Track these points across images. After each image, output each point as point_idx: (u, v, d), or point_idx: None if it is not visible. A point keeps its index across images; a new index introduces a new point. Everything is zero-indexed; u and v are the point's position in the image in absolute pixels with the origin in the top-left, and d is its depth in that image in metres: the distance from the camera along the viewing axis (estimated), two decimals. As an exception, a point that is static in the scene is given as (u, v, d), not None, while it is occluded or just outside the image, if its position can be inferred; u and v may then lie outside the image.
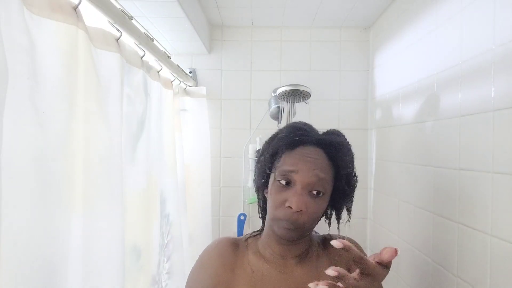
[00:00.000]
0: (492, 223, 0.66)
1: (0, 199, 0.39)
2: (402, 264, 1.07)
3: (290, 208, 0.60)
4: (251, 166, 1.44)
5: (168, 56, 1.00)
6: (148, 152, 0.84)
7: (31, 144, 0.44)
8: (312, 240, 0.71)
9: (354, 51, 1.47)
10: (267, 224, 0.67)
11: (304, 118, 0.97)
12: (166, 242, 1.00)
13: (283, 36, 1.49)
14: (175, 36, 1.27)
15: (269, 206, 0.65)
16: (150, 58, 0.88)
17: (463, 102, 0.77)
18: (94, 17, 0.60)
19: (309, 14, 1.34)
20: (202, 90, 1.41)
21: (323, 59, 1.48)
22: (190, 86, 1.39)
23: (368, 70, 1.47)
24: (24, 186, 0.43)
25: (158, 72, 0.94)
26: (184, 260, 1.08)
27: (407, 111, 1.08)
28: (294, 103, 1.30)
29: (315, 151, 0.63)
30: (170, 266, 1.01)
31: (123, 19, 0.68)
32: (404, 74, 1.11)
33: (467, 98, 0.76)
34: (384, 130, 1.30)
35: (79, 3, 0.52)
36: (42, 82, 0.46)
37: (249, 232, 0.76)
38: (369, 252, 1.42)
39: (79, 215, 0.54)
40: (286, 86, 1.25)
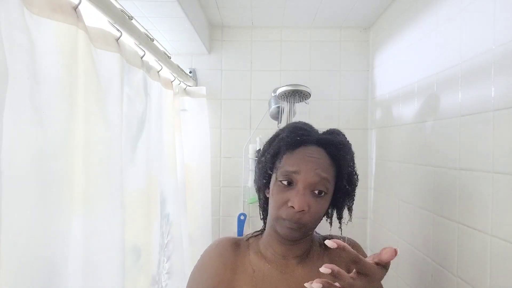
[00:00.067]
0: (492, 223, 0.66)
1: (0, 199, 0.39)
2: (402, 264, 1.07)
3: (292, 208, 0.60)
4: (251, 166, 1.44)
5: (168, 56, 1.00)
6: (148, 152, 0.84)
7: (31, 144, 0.44)
8: (313, 240, 0.71)
9: (354, 51, 1.47)
10: (269, 224, 0.67)
11: (304, 118, 0.97)
12: (166, 242, 1.00)
13: (283, 36, 1.49)
14: (175, 36, 1.27)
15: (271, 206, 0.65)
16: (150, 58, 0.88)
17: (463, 102, 0.77)
18: (94, 17, 0.60)
19: (309, 14, 1.34)
20: (202, 90, 1.41)
21: (323, 59, 1.48)
22: (190, 86, 1.39)
23: (368, 70, 1.47)
24: (24, 186, 0.43)
25: (158, 72, 0.94)
26: (184, 260, 1.08)
27: (407, 111, 1.08)
28: (294, 103, 1.30)
29: (316, 150, 0.63)
30: (170, 266, 1.01)
31: (123, 19, 0.68)
32: (404, 74, 1.11)
33: (467, 98, 0.76)
34: (384, 130, 1.30)
35: (79, 3, 0.52)
36: (42, 82, 0.46)
37: (249, 232, 0.76)
38: (369, 252, 1.42)
39: (79, 215, 0.54)
40: (286, 86, 1.24)
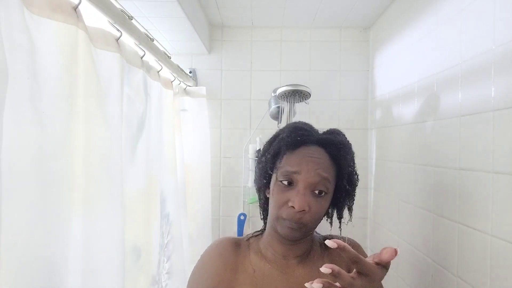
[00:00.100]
0: (492, 223, 0.66)
1: (0, 199, 0.39)
2: (402, 264, 1.07)
3: (293, 208, 0.60)
4: (251, 166, 1.44)
5: (168, 56, 1.00)
6: (148, 152, 0.84)
7: (31, 144, 0.44)
8: (314, 240, 0.71)
9: (354, 51, 1.47)
10: (269, 224, 0.67)
11: (304, 118, 0.97)
12: (166, 242, 1.00)
13: (283, 36, 1.49)
14: (175, 36, 1.27)
15: (271, 206, 0.65)
16: (150, 58, 0.88)
17: (463, 102, 0.77)
18: (94, 17, 0.60)
19: (309, 14, 1.34)
20: (202, 90, 1.41)
21: (323, 59, 1.48)
22: (190, 86, 1.39)
23: (368, 70, 1.47)
24: (24, 186, 0.43)
25: (158, 72, 0.94)
26: (184, 260, 1.08)
27: (407, 111, 1.08)
28: (294, 103, 1.30)
29: (317, 150, 0.63)
30: (170, 266, 1.01)
31: (123, 19, 0.68)
32: (404, 74, 1.11)
33: (467, 98, 0.76)
34: (384, 130, 1.30)
35: (79, 3, 0.52)
36: (42, 82, 0.46)
37: (249, 232, 0.76)
38: (369, 252, 1.42)
39: (79, 215, 0.54)
40: (286, 86, 1.24)
